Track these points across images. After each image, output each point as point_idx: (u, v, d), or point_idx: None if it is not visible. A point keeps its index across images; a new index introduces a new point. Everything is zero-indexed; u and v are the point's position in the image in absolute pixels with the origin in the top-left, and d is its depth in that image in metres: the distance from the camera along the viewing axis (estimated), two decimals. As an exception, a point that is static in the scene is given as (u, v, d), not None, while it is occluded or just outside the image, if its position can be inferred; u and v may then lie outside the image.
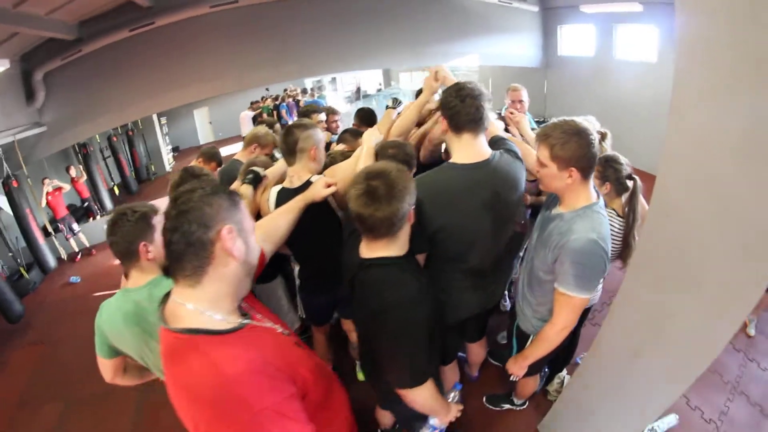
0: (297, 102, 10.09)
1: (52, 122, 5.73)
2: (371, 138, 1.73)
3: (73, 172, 6.46)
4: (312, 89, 12.53)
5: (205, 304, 0.81)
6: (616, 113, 6.59)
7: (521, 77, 7.71)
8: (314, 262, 2.01)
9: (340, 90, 15.28)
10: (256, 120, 9.35)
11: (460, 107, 1.43)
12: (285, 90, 11.72)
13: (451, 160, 1.52)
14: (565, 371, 2.59)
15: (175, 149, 12.52)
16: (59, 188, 5.79)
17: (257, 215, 1.81)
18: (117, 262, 1.74)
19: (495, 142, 1.67)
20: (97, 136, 7.69)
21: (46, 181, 5.64)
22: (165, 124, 11.66)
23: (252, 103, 10.95)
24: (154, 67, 5.85)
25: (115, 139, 8.48)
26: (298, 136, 1.70)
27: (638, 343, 1.57)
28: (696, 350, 1.39)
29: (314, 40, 6.29)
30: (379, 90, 15.52)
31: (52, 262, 5.40)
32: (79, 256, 6.03)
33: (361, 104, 11.79)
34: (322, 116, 3.25)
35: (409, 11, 6.78)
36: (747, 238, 1.09)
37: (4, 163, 5.03)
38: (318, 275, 2.05)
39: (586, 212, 1.40)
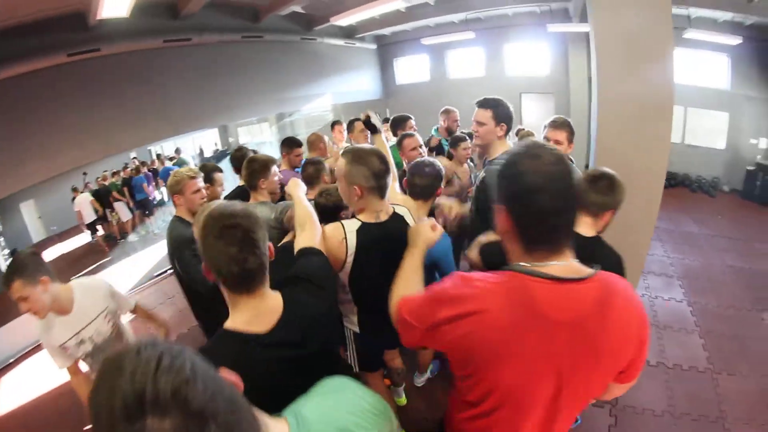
0: (154, 171, 8.75)
1: None
2: (296, 189, 1.61)
3: None
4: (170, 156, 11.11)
5: None
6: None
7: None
8: (378, 303, 1.76)
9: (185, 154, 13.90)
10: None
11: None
12: (133, 160, 10.19)
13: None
14: None
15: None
16: None
17: None
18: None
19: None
20: None
21: None
22: None
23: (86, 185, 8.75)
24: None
25: None
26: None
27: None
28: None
29: (180, 94, 5.89)
30: (216, 150, 14.35)
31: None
32: None
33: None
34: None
35: (271, 61, 7.06)
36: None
37: None
38: (381, 317, 1.81)
39: None
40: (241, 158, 2.67)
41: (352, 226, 1.55)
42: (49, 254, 9.66)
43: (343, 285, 1.64)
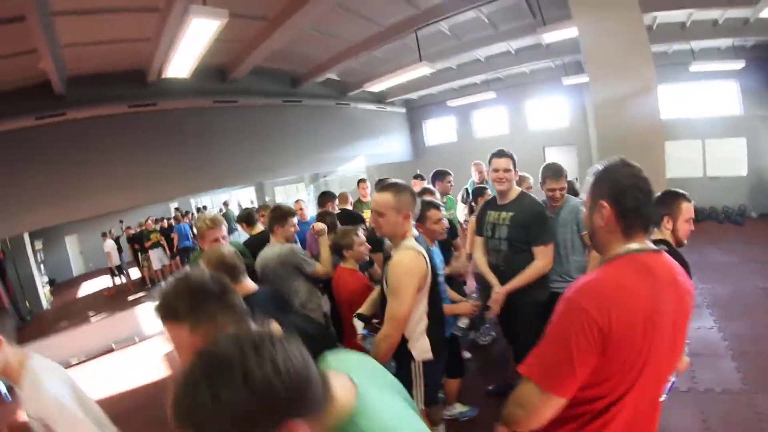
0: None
1: None
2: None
3: None
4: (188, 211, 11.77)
5: None
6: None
7: (398, 170, 9.07)
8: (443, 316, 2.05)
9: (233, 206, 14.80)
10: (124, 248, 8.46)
11: None
12: (177, 209, 10.85)
13: None
14: None
15: (51, 282, 10.00)
16: None
17: None
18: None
19: None
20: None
21: None
22: (40, 251, 9.44)
23: (126, 229, 9.19)
24: (59, 166, 4.87)
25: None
26: None
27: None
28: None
29: (223, 151, 6.31)
30: (252, 207, 15.37)
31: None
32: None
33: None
34: None
35: (307, 124, 7.61)
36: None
37: None
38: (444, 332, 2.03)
39: None
40: (246, 216, 3.58)
41: (419, 247, 1.72)
42: (85, 288, 10.06)
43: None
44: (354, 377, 0.77)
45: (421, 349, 1.80)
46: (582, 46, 3.13)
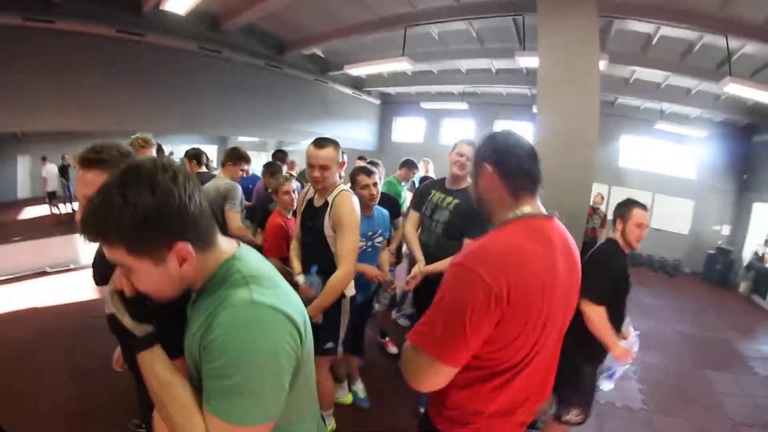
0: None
1: None
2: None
3: None
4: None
5: None
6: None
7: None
8: None
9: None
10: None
11: None
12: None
13: None
14: None
15: None
16: None
17: None
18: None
19: None
20: None
21: None
22: None
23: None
24: (34, 73, 4.68)
25: None
26: None
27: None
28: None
29: (195, 98, 6.41)
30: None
31: None
32: None
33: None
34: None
35: (284, 92, 7.73)
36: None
37: None
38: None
39: None
40: (195, 155, 3.56)
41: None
42: (27, 212, 9.29)
43: None
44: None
45: (350, 285, 1.96)
46: (539, 78, 3.29)
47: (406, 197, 4.23)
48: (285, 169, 4.07)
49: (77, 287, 4.33)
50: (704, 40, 4.59)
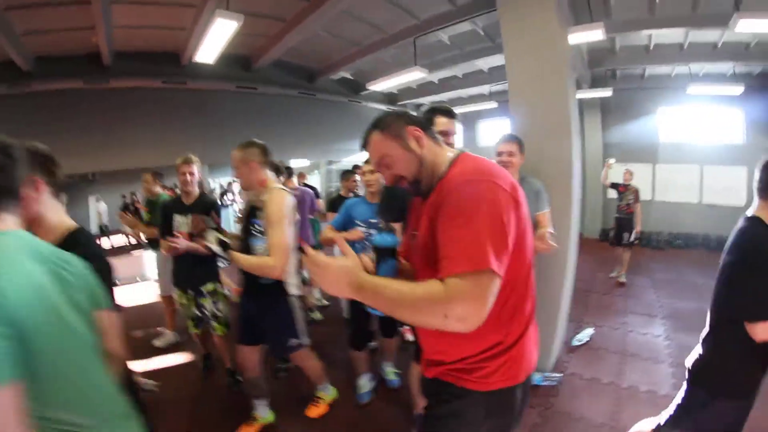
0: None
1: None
2: None
3: None
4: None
5: None
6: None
7: None
8: None
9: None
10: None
11: None
12: None
13: None
14: None
15: None
16: None
17: None
18: None
19: None
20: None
21: None
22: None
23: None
24: (98, 124, 6.00)
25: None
26: None
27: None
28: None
29: (239, 132, 7.15)
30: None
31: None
32: None
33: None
34: None
35: (320, 116, 8.56)
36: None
37: None
38: None
39: None
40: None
41: (285, 188, 2.20)
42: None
43: None
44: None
45: (294, 283, 2.12)
46: (508, 75, 3.14)
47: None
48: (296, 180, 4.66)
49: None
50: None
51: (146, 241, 4.05)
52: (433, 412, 1.12)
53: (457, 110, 8.09)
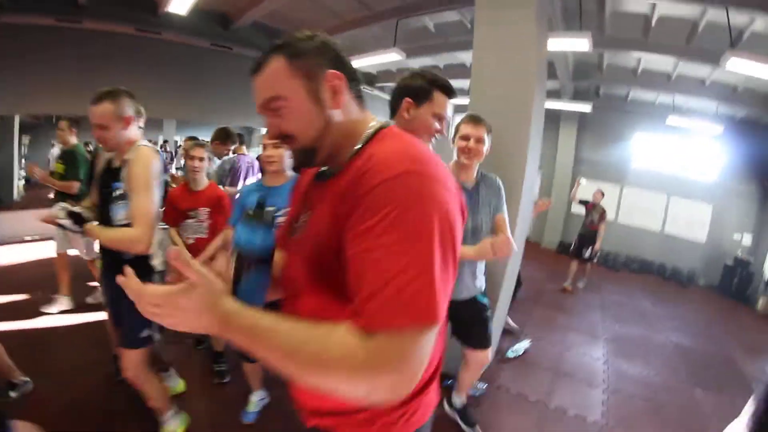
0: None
1: None
2: None
3: None
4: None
5: None
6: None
7: None
8: None
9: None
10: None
11: None
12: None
13: None
14: None
15: (27, 180, 9.88)
16: None
17: None
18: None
19: None
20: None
21: None
22: (25, 145, 9.60)
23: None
24: (66, 64, 5.61)
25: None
26: None
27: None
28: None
29: (213, 90, 7.11)
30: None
31: None
32: None
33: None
34: None
35: None
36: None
37: None
38: None
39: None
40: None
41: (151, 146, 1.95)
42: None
43: None
44: None
45: (161, 259, 1.71)
46: (473, 69, 2.97)
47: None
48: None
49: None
50: (708, 17, 4.16)
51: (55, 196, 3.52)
52: None
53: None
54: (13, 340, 2.40)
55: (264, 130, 10.22)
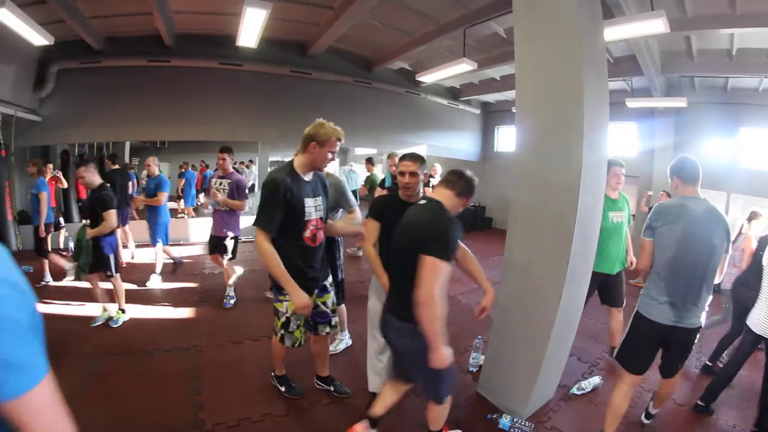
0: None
1: (48, 116, 6.04)
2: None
3: (50, 171, 5.36)
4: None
5: None
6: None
7: (462, 166, 9.10)
8: None
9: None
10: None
11: None
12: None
13: None
14: None
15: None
16: (58, 179, 5.74)
17: None
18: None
19: None
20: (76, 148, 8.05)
21: (50, 166, 5.27)
22: (135, 167, 9.47)
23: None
24: (159, 98, 6.56)
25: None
26: None
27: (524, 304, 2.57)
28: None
29: (291, 114, 7.26)
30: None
31: (12, 244, 5.30)
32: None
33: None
34: None
35: (373, 104, 8.32)
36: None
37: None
38: None
39: None
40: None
41: None
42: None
43: None
44: None
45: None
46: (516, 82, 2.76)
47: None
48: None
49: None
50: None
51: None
52: None
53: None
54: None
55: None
